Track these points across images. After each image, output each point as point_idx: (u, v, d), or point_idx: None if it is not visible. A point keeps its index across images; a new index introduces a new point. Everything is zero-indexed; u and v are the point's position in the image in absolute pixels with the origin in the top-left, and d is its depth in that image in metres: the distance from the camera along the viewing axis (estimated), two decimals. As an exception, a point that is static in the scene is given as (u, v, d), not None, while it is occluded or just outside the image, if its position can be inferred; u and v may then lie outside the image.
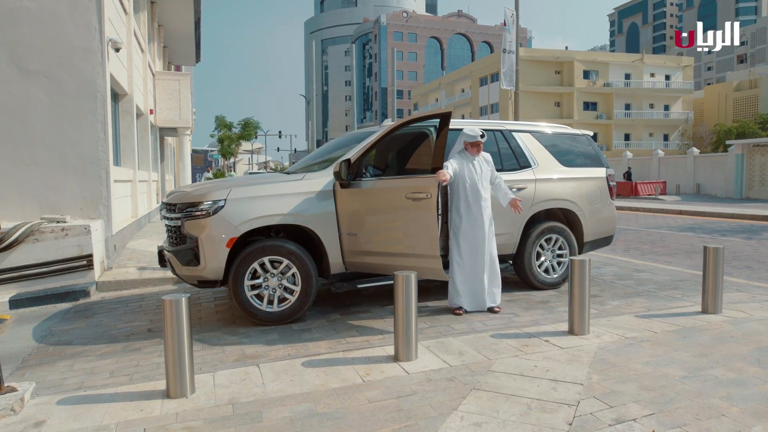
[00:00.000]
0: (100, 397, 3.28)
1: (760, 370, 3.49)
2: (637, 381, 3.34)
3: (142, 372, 3.86)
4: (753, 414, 2.88)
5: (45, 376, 3.84)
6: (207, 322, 5.10)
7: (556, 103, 50.94)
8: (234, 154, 45.47)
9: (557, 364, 3.66)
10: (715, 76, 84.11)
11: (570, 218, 6.27)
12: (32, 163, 7.11)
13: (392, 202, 4.74)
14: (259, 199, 4.78)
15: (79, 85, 7.22)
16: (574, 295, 4.25)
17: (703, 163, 28.31)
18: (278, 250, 4.76)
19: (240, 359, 4.03)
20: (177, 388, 3.22)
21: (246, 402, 3.14)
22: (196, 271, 4.73)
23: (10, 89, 6.99)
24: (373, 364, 3.71)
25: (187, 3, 15.40)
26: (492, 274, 5.19)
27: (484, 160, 5.22)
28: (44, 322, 5.40)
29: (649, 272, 7.15)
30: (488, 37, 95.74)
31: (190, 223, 4.70)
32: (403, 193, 4.64)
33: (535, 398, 3.12)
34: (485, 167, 5.18)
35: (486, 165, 5.20)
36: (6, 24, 6.93)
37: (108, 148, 7.44)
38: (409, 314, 3.71)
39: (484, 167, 5.17)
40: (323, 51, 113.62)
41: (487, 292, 5.15)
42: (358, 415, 2.94)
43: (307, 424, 2.85)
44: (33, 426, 2.91)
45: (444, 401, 3.09)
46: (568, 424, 2.80)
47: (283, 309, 4.84)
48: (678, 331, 4.33)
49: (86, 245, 6.68)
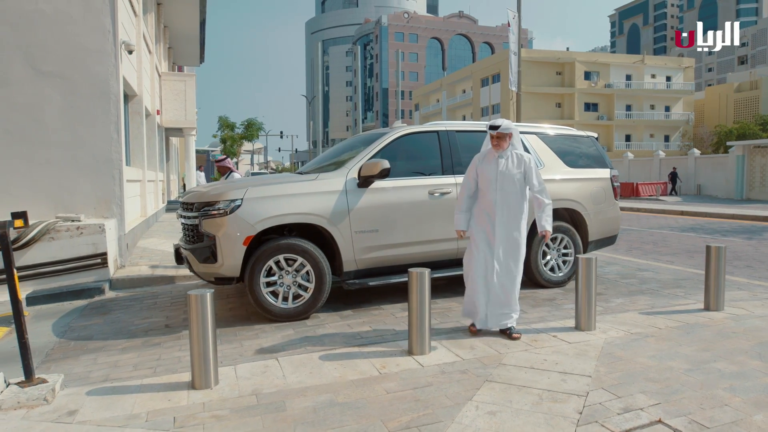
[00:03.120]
0: (128, 388, 3.42)
1: (761, 363, 3.63)
2: (643, 373, 3.47)
3: (165, 365, 3.99)
4: (754, 404, 3.01)
5: (70, 369, 3.98)
6: (223, 318, 5.23)
7: (557, 104, 51.10)
8: (237, 154, 45.60)
9: (566, 357, 3.79)
10: (716, 77, 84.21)
11: (575, 218, 6.41)
12: (47, 162, 7.25)
13: (416, 198, 5.38)
14: (274, 198, 4.92)
15: (93, 86, 7.36)
16: (581, 292, 4.39)
17: (704, 164, 28.45)
18: (293, 248, 4.90)
19: (259, 353, 4.16)
20: (202, 379, 3.36)
21: (269, 393, 3.28)
22: (213, 268, 4.87)
23: (25, 90, 7.13)
24: (389, 357, 3.84)
25: (192, 4, 15.55)
26: (494, 294, 4.34)
27: (513, 159, 4.36)
28: (62, 319, 5.54)
29: (652, 271, 7.28)
30: (489, 38, 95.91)
31: (207, 222, 4.84)
32: (426, 189, 5.40)
33: (546, 389, 3.25)
34: (511, 168, 4.33)
35: (513, 166, 4.34)
36: (22, 26, 7.07)
37: (121, 149, 7.58)
38: (423, 309, 3.84)
39: (510, 167, 4.33)
40: (324, 51, 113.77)
41: (488, 313, 4.37)
42: (377, 404, 3.08)
43: (330, 413, 2.98)
44: (67, 414, 3.05)
45: (459, 392, 3.23)
46: (578, 412, 2.93)
47: (297, 305, 4.98)
48: (681, 327, 4.47)
49: (100, 243, 6.81)
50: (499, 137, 4.30)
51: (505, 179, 4.32)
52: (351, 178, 5.18)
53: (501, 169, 4.33)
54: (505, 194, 4.32)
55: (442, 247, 5.57)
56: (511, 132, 4.33)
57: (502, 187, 4.32)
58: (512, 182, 4.33)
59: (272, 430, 2.80)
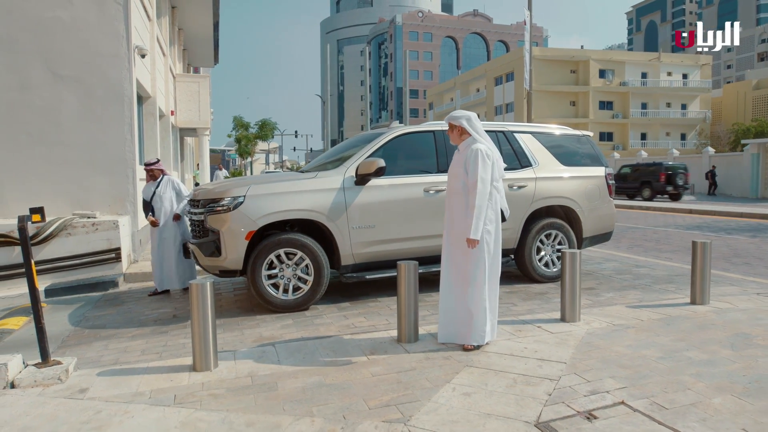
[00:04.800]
0: (134, 370, 3.70)
1: (732, 352, 3.80)
2: (617, 361, 3.67)
3: (170, 351, 4.28)
4: (716, 388, 3.19)
5: (83, 354, 4.28)
6: (227, 309, 5.52)
7: (571, 102, 50.87)
8: (251, 153, 46.18)
9: (546, 346, 4.00)
10: (735, 74, 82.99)
11: (569, 215, 6.59)
12: (64, 162, 7.61)
13: (412, 195, 5.59)
14: (275, 195, 5.19)
15: (108, 89, 7.71)
16: (566, 285, 4.58)
17: (718, 162, 28.19)
18: (293, 242, 5.17)
19: (258, 341, 4.43)
20: (202, 362, 3.63)
21: (263, 375, 3.54)
22: (217, 261, 5.15)
23: (43, 94, 7.50)
24: (378, 345, 4.08)
25: (206, 6, 15.92)
26: (448, 304, 4.01)
27: (463, 154, 3.95)
28: (78, 309, 5.87)
29: (649, 268, 7.43)
30: (504, 36, 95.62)
31: (212, 218, 5.13)
32: (422, 187, 5.57)
33: (521, 374, 3.47)
34: (457, 162, 3.98)
35: (460, 160, 3.94)
36: (40, 33, 7.43)
37: (134, 149, 7.92)
38: (410, 299, 4.07)
39: (456, 162, 4.00)
40: (339, 51, 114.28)
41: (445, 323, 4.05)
42: (362, 385, 3.32)
43: (317, 393, 3.23)
44: (78, 392, 3.34)
45: (439, 375, 3.46)
46: (548, 394, 3.15)
47: (297, 297, 5.25)
48: (663, 320, 4.64)
49: (115, 239, 7.15)
50: (450, 128, 4.06)
51: (450, 175, 4.06)
52: (349, 176, 5.43)
53: (454, 163, 4.03)
54: (449, 191, 4.05)
55: (437, 243, 5.76)
56: (460, 125, 3.94)
57: (448, 183, 4.08)
58: (454, 178, 3.97)
59: (263, 406, 3.06)
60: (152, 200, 6.40)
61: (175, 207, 6.42)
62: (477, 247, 3.83)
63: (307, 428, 2.78)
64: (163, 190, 6.41)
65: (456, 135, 4.02)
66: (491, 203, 3.89)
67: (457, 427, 2.75)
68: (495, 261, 3.98)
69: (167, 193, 6.41)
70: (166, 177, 6.51)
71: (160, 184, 6.44)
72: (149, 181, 6.52)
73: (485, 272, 3.88)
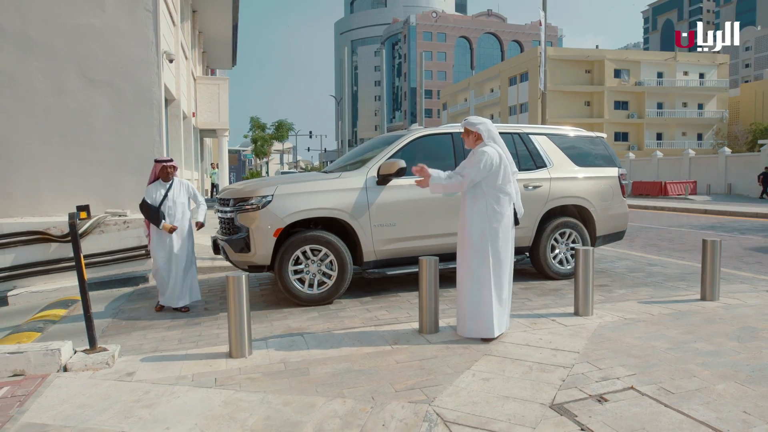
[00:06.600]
0: (175, 356, 3.99)
1: (738, 344, 3.99)
2: (627, 351, 3.88)
3: (205, 340, 4.58)
4: (721, 376, 3.40)
5: (125, 342, 4.59)
6: (255, 302, 5.80)
7: (586, 102, 50.70)
8: (267, 153, 46.71)
9: (560, 337, 4.22)
10: (753, 73, 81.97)
11: (583, 214, 6.79)
12: (97, 163, 7.96)
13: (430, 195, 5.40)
14: (301, 194, 5.47)
15: (138, 93, 8.05)
16: (579, 280, 4.80)
17: (734, 162, 28.03)
18: (318, 239, 5.44)
19: (286, 331, 4.71)
20: (238, 349, 3.91)
21: (295, 361, 3.81)
22: (247, 257, 5.44)
23: (77, 98, 7.85)
24: (401, 335, 4.34)
25: (225, 10, 16.31)
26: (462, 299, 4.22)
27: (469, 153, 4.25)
28: (113, 303, 6.19)
29: (661, 266, 7.59)
30: (518, 36, 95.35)
31: (241, 216, 5.42)
32: None
33: (537, 362, 3.70)
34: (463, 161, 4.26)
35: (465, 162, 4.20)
36: (75, 39, 7.79)
37: (162, 149, 8.26)
38: (431, 293, 4.32)
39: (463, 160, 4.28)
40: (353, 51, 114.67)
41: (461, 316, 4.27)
42: (387, 371, 3.58)
43: (347, 377, 3.49)
44: (126, 375, 3.63)
45: (459, 363, 3.70)
46: (562, 380, 3.37)
47: (321, 291, 5.52)
48: (673, 314, 4.84)
49: (144, 236, 7.47)
50: (464, 133, 4.27)
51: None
52: (371, 176, 5.69)
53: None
54: (461, 192, 4.24)
55: (454, 241, 5.99)
56: (477, 131, 4.16)
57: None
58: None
59: (297, 389, 3.32)
60: (162, 205, 5.53)
61: (188, 214, 5.74)
62: (482, 246, 4.09)
63: (340, 407, 3.04)
64: (177, 194, 5.61)
65: (471, 140, 4.23)
66: (500, 206, 4.11)
67: (478, 408, 2.99)
68: (502, 258, 4.15)
69: (181, 198, 5.62)
70: (177, 179, 5.74)
71: (172, 186, 5.62)
72: (155, 181, 5.63)
73: (490, 269, 4.10)
